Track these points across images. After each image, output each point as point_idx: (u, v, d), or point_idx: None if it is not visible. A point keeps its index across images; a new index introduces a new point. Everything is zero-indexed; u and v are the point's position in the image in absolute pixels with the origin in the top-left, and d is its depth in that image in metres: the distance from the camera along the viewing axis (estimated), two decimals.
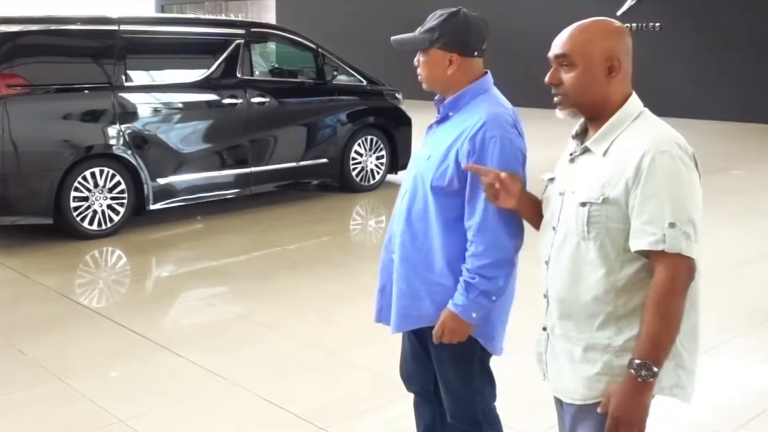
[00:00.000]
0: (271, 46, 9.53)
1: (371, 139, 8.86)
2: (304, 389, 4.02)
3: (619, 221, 1.96)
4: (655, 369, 1.89)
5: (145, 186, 6.99)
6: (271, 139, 8.03)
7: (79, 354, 4.45)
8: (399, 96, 9.24)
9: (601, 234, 1.98)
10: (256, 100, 7.81)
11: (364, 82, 8.97)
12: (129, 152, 6.89)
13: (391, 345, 4.34)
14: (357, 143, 8.71)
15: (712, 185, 1.92)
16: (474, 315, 2.42)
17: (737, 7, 14.24)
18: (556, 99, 2.10)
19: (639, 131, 1.99)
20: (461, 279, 2.43)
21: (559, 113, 2.13)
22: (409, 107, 9.32)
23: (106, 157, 6.85)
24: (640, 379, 1.90)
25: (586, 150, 2.08)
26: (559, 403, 2.23)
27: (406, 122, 9.18)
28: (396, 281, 2.59)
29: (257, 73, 8.54)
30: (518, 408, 3.55)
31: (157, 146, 7.11)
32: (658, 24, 16.11)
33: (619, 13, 16.90)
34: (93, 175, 6.70)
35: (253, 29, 8.35)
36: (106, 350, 4.52)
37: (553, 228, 2.12)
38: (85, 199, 6.65)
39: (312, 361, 4.39)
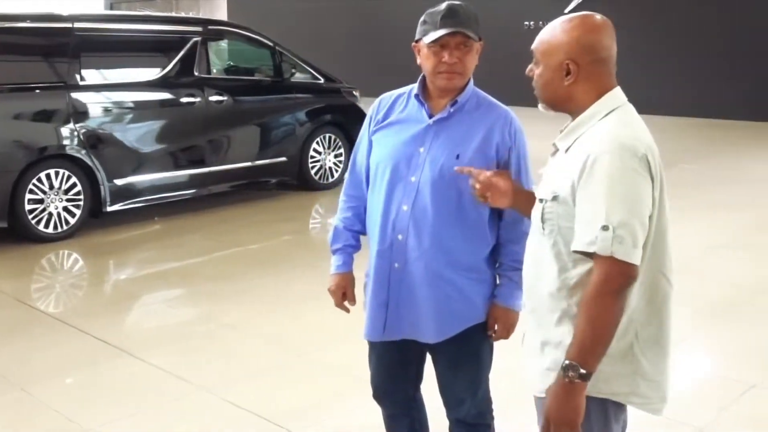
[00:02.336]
0: (228, 44, 9.33)
1: (329, 137, 8.73)
2: (273, 392, 3.89)
3: (568, 220, 1.91)
4: (583, 371, 1.83)
5: (101, 187, 6.75)
6: (229, 138, 7.84)
7: (39, 361, 4.25)
8: (356, 93, 9.14)
9: (554, 231, 1.95)
10: (213, 98, 7.61)
11: (322, 80, 8.84)
12: (84, 153, 6.64)
13: (361, 345, 4.26)
14: (315, 141, 8.57)
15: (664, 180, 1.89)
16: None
17: (685, 3, 14.42)
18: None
19: (599, 131, 1.92)
20: (504, 274, 2.46)
21: (540, 106, 2.10)
22: (364, 105, 9.22)
23: (61, 158, 6.59)
24: (567, 380, 1.85)
25: (554, 146, 2.05)
26: None
27: (363, 120, 9.04)
28: (429, 288, 2.43)
29: (214, 71, 8.37)
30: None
31: (113, 146, 6.87)
32: None
33: (566, 10, 17.06)
34: (48, 176, 6.46)
35: (210, 27, 8.17)
36: (67, 357, 4.32)
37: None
38: (41, 201, 6.41)
39: (280, 362, 4.26)
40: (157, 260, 6.31)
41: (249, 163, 7.97)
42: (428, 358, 2.65)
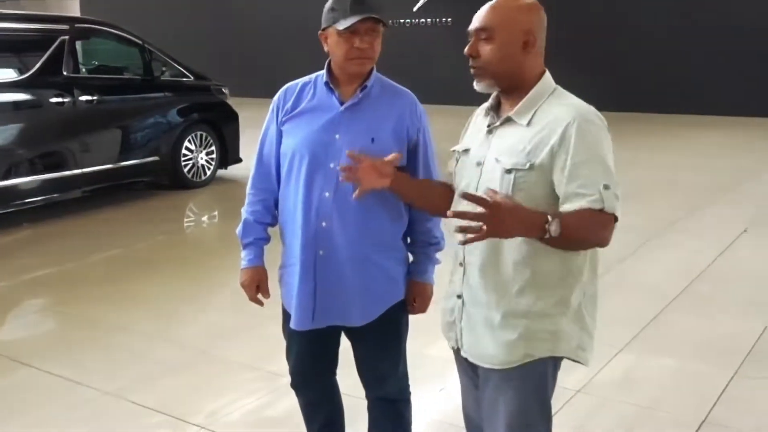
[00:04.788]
0: (97, 42, 8.92)
1: (201, 135, 8.55)
2: (181, 391, 3.77)
3: (540, 186, 1.96)
4: (553, 230, 1.82)
5: None
6: (100, 139, 7.52)
7: None
8: (225, 91, 9.02)
9: (524, 199, 1.94)
10: (83, 98, 7.26)
11: (192, 78, 8.64)
12: None
13: (259, 338, 4.29)
14: (187, 139, 8.37)
15: None
16: None
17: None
18: (473, 71, 2.09)
19: (560, 103, 2.02)
20: (419, 251, 2.53)
21: (476, 85, 2.11)
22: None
23: None
24: (546, 224, 1.83)
25: (507, 120, 2.06)
26: (467, 370, 2.22)
27: (234, 117, 8.96)
28: (356, 272, 2.41)
29: (83, 70, 7.98)
30: None
31: None
32: (449, 19, 16.79)
33: (414, 9, 17.46)
34: None
35: (77, 25, 7.76)
36: None
37: None
38: None
39: (183, 362, 4.13)
40: (36, 266, 5.94)
41: (121, 163, 7.69)
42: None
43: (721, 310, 4.76)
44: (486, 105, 2.18)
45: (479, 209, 1.79)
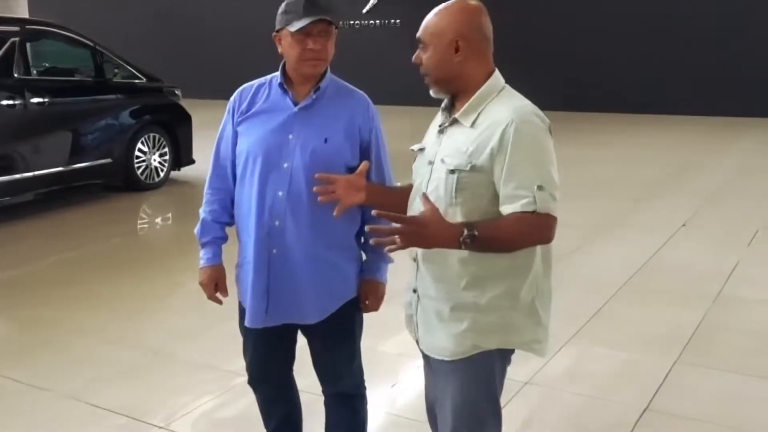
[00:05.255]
0: (47, 44, 8.78)
1: (154, 137, 8.48)
2: (139, 391, 3.78)
3: (484, 187, 2.00)
4: (472, 242, 1.89)
5: None
6: (52, 141, 7.42)
7: None
8: (178, 92, 8.95)
9: (468, 199, 2.01)
10: (34, 100, 7.15)
11: (144, 79, 8.56)
12: None
13: (216, 338, 4.31)
14: (140, 141, 8.30)
15: None
16: None
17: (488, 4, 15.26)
18: (425, 79, 2.15)
19: (503, 104, 2.04)
20: (373, 250, 2.51)
21: (431, 91, 2.17)
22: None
23: None
24: (464, 232, 1.89)
25: (455, 122, 2.11)
26: (428, 361, 2.27)
27: (187, 119, 8.91)
28: (309, 270, 2.44)
29: (34, 72, 7.84)
30: None
31: None
32: (398, 20, 16.86)
33: (364, 11, 17.50)
34: None
35: (28, 26, 7.69)
36: None
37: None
38: None
39: (139, 362, 4.13)
40: None
41: (73, 166, 7.59)
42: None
43: (662, 301, 4.91)
44: (443, 105, 2.23)
45: (425, 208, 1.89)
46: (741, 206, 7.46)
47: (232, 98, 2.54)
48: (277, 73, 2.49)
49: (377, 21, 17.10)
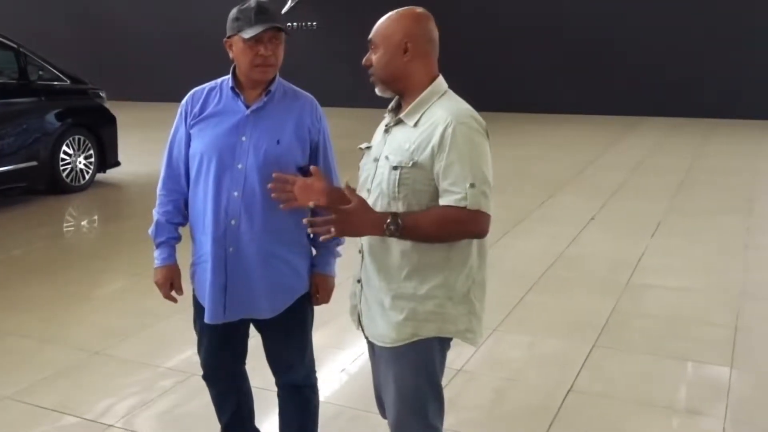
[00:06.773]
0: None
1: (79, 139, 8.27)
2: (79, 391, 3.72)
3: (424, 183, 2.10)
4: (393, 228, 2.02)
5: None
6: None
7: None
8: (103, 95, 8.74)
9: (409, 195, 2.10)
10: None
11: (68, 81, 8.32)
12: None
13: (151, 336, 4.26)
14: (65, 144, 8.08)
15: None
16: None
17: (381, 8, 15.37)
18: (370, 78, 2.23)
19: (443, 106, 2.14)
20: (322, 244, 2.56)
21: (377, 90, 2.25)
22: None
23: None
24: (387, 221, 2.02)
25: (399, 121, 2.20)
26: (372, 348, 2.34)
27: (111, 121, 8.71)
28: (263, 267, 2.48)
29: None
30: None
31: None
32: (315, 23, 16.84)
33: (282, 12, 17.39)
34: None
35: None
36: None
37: (368, 190, 2.23)
38: None
39: (78, 362, 4.05)
40: None
41: (0, 168, 7.33)
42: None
43: (578, 290, 5.13)
44: (390, 105, 2.31)
45: (369, 202, 2.03)
46: (642, 200, 7.81)
47: (183, 101, 2.55)
48: (228, 77, 2.52)
49: (294, 24, 17.03)
